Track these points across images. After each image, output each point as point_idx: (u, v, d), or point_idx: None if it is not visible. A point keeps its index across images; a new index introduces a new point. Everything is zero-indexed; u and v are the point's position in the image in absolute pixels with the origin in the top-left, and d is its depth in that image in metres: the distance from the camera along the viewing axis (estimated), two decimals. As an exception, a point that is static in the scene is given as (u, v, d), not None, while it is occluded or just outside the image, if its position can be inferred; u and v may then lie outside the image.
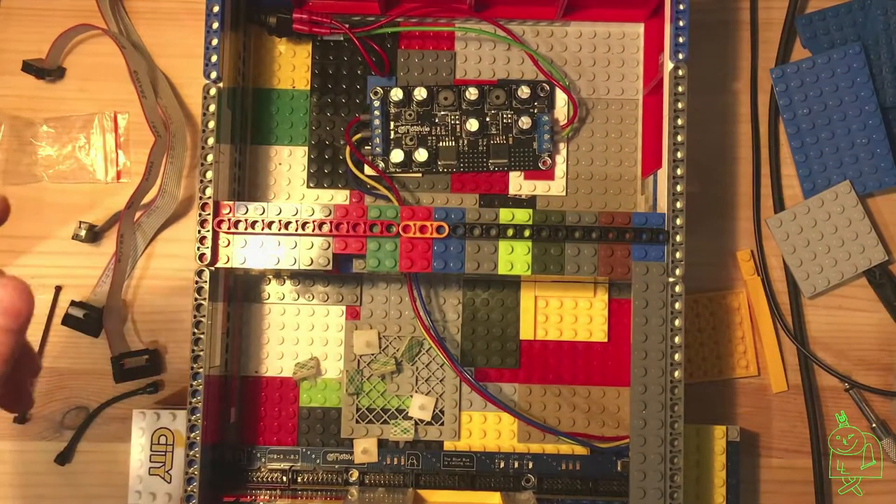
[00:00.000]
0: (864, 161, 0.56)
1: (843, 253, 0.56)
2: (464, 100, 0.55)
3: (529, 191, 0.55)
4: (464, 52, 0.56)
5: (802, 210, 0.56)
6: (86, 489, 0.55)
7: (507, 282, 0.55)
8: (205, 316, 0.47)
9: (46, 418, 0.55)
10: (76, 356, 0.55)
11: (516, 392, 0.54)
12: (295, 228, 0.48)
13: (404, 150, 0.55)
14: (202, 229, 0.48)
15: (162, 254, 0.56)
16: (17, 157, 0.56)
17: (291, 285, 0.55)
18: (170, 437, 0.51)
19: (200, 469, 0.47)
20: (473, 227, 0.48)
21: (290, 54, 0.56)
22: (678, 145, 0.48)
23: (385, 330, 0.54)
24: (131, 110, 0.57)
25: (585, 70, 0.56)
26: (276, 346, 0.54)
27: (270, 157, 0.55)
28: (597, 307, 0.55)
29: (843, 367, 0.56)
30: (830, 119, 0.56)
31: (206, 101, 0.48)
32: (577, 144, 0.56)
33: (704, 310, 0.56)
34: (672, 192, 0.48)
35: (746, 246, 0.57)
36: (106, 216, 0.56)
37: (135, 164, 0.57)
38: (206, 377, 0.47)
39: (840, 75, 0.56)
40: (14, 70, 0.56)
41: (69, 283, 0.56)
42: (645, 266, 0.48)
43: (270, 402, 0.54)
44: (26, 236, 0.56)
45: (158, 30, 0.57)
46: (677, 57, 0.49)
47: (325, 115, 0.56)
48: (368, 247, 0.48)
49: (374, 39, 0.55)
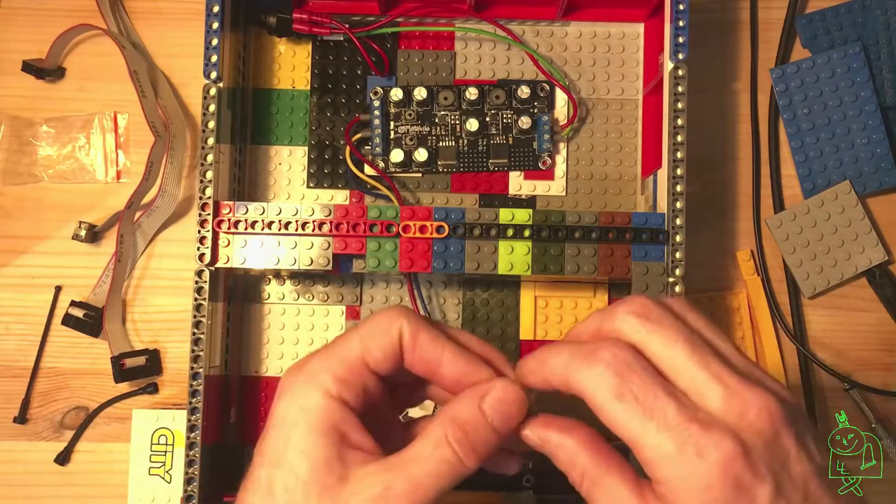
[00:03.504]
0: (864, 161, 0.56)
1: (843, 253, 0.56)
2: (464, 100, 0.55)
3: (529, 191, 0.55)
4: (464, 52, 0.56)
5: (802, 210, 0.56)
6: (86, 489, 0.55)
7: (507, 282, 0.55)
8: (205, 316, 0.47)
9: (46, 418, 0.55)
10: (76, 356, 0.56)
11: (516, 392, 0.54)
12: (295, 228, 0.48)
13: (404, 150, 0.55)
14: (202, 229, 0.48)
15: (162, 254, 0.56)
16: (17, 157, 0.56)
17: (291, 285, 0.55)
18: (170, 437, 0.51)
19: (200, 469, 0.47)
20: (473, 227, 0.48)
21: (290, 54, 0.56)
22: (678, 145, 0.48)
23: (385, 330, 0.54)
24: (131, 110, 0.57)
25: (585, 70, 0.56)
26: (276, 346, 0.54)
27: (270, 157, 0.55)
28: (597, 307, 0.55)
29: (843, 367, 0.56)
30: (830, 119, 0.56)
31: (206, 101, 0.48)
32: (577, 144, 0.56)
33: (704, 310, 0.56)
34: (672, 192, 0.48)
35: (746, 246, 0.57)
36: (106, 216, 0.56)
37: (135, 164, 0.57)
38: (206, 377, 0.47)
39: (840, 75, 0.56)
40: (14, 70, 0.56)
41: (69, 283, 0.56)
42: (645, 266, 0.48)
43: (270, 402, 0.54)
44: (26, 236, 0.56)
45: (158, 30, 0.57)
46: (677, 57, 0.49)
47: (325, 115, 0.56)
48: (368, 247, 0.48)
49: (374, 39, 0.55)
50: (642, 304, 0.31)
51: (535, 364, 0.32)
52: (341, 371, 0.32)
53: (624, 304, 0.31)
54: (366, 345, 0.32)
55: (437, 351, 0.33)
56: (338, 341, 0.33)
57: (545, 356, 0.32)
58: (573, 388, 0.31)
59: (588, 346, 0.30)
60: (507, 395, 0.32)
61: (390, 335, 0.32)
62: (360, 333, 0.33)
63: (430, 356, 0.33)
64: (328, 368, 0.32)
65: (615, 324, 0.31)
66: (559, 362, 0.31)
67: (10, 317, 0.56)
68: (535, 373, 0.33)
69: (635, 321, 0.31)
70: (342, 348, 0.32)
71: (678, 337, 0.30)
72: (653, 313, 0.31)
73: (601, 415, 0.30)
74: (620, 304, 0.32)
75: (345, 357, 0.32)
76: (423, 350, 0.33)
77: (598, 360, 0.30)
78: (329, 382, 0.31)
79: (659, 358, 0.30)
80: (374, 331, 0.33)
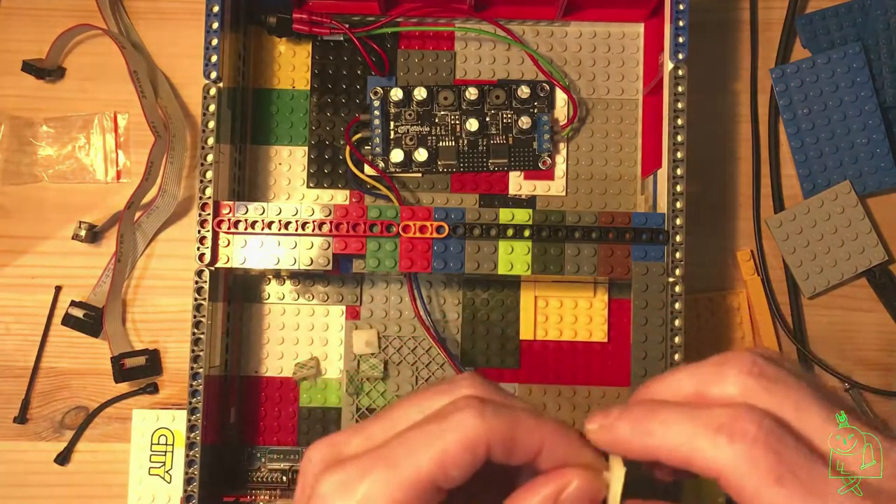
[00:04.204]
0: (864, 161, 0.56)
1: (843, 253, 0.56)
2: (464, 100, 0.55)
3: (529, 191, 0.55)
4: (464, 52, 0.56)
5: (802, 210, 0.56)
6: (86, 489, 0.55)
7: (507, 282, 0.55)
8: (205, 316, 0.47)
9: (46, 418, 0.55)
10: (76, 356, 0.56)
11: (516, 392, 0.54)
12: (295, 228, 0.48)
13: (404, 149, 0.55)
14: (202, 229, 0.48)
15: (162, 254, 0.56)
16: (17, 157, 0.56)
17: (291, 285, 0.55)
18: (170, 437, 0.51)
19: (200, 469, 0.47)
20: (473, 227, 0.48)
21: (290, 54, 0.56)
22: (678, 145, 0.48)
23: (385, 330, 0.54)
24: (131, 110, 0.57)
25: (585, 70, 0.56)
26: (276, 346, 0.54)
27: (270, 157, 0.55)
28: (597, 307, 0.55)
29: (843, 367, 0.56)
30: (830, 119, 0.56)
31: (206, 101, 0.48)
32: (577, 144, 0.56)
33: (704, 310, 0.56)
34: (672, 192, 0.48)
35: (746, 246, 0.57)
36: (106, 216, 0.56)
37: (135, 164, 0.57)
38: (205, 377, 0.47)
39: (840, 75, 0.56)
40: (14, 70, 0.56)
41: (69, 283, 0.56)
42: (645, 266, 0.48)
43: (270, 402, 0.54)
44: (26, 236, 0.56)
45: (158, 30, 0.57)
46: (677, 57, 0.49)
47: (325, 115, 0.56)
48: (368, 247, 0.48)
49: (374, 39, 0.55)
50: (754, 363, 0.25)
51: (636, 432, 0.26)
52: (405, 498, 0.24)
53: (732, 364, 0.26)
54: (442, 465, 0.24)
55: (535, 439, 0.26)
56: (401, 444, 0.25)
57: (650, 424, 0.25)
58: (699, 466, 0.24)
59: (716, 414, 0.24)
60: (589, 488, 0.26)
61: (474, 454, 0.25)
62: (433, 446, 0.24)
63: (529, 448, 0.26)
64: (390, 498, 0.24)
65: (727, 387, 0.25)
66: (678, 434, 0.25)
67: (10, 317, 0.56)
68: (632, 442, 0.26)
69: (754, 382, 0.25)
70: (409, 465, 0.24)
71: (808, 398, 0.25)
72: (769, 371, 0.25)
73: (750, 502, 0.24)
74: (724, 364, 0.26)
75: (413, 479, 0.24)
76: (520, 450, 0.26)
77: (739, 433, 0.24)
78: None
79: (791, 426, 0.24)
80: (452, 446, 0.24)
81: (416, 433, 0.25)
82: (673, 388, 0.27)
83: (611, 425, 0.26)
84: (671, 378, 0.27)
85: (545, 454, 0.26)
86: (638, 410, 0.26)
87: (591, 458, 0.26)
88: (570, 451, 0.26)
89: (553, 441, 0.26)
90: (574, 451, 0.26)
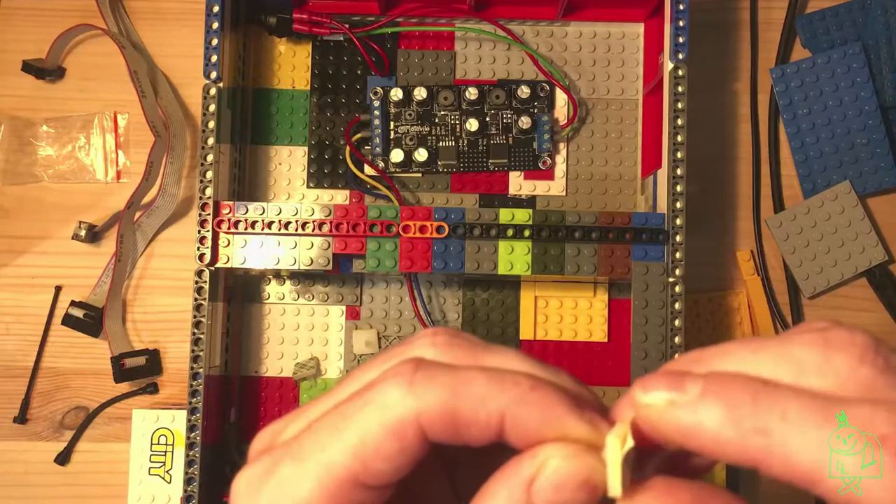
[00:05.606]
0: (864, 161, 0.56)
1: (843, 253, 0.56)
2: (464, 100, 0.55)
3: (529, 191, 0.55)
4: (464, 52, 0.56)
5: (802, 210, 0.56)
6: (86, 489, 0.55)
7: (507, 282, 0.55)
8: (205, 316, 0.47)
9: (46, 418, 0.55)
10: (76, 356, 0.55)
11: (516, 392, 0.54)
12: (295, 228, 0.48)
13: (404, 149, 0.55)
14: (202, 229, 0.48)
15: (162, 254, 0.56)
16: (17, 157, 0.56)
17: (291, 285, 0.55)
18: (170, 437, 0.51)
19: (200, 469, 0.47)
20: (473, 227, 0.48)
21: (290, 54, 0.56)
22: (678, 145, 0.48)
23: (385, 330, 0.54)
24: (131, 110, 0.57)
25: (585, 70, 0.56)
26: (276, 346, 0.54)
27: (270, 157, 0.55)
28: (597, 307, 0.55)
29: (843, 367, 0.56)
30: (830, 119, 0.56)
31: (206, 101, 0.48)
32: (577, 144, 0.56)
33: (704, 310, 0.56)
34: (672, 192, 0.48)
35: (746, 246, 0.57)
36: (106, 216, 0.56)
37: (135, 164, 0.57)
38: (206, 377, 0.47)
39: (840, 75, 0.56)
40: (14, 70, 0.56)
41: (69, 283, 0.56)
42: (645, 266, 0.48)
43: (270, 402, 0.54)
44: (26, 236, 0.56)
45: (158, 30, 0.57)
46: (677, 57, 0.49)
47: (325, 115, 0.56)
48: (368, 247, 0.48)
49: (374, 39, 0.55)
50: (877, 351, 0.18)
51: (740, 427, 0.17)
52: (313, 499, 0.19)
53: (842, 348, 0.18)
54: (360, 457, 0.19)
55: (489, 410, 0.19)
56: (312, 432, 0.19)
57: (764, 417, 0.17)
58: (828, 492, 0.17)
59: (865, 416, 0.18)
60: (576, 472, 0.18)
61: (402, 441, 0.19)
62: (345, 433, 0.19)
63: (484, 424, 0.19)
64: (296, 500, 0.19)
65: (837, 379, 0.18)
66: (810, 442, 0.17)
67: (10, 317, 0.56)
68: (726, 439, 0.17)
69: (881, 380, 0.18)
70: (318, 459, 0.19)
71: None
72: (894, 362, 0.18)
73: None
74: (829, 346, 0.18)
75: (322, 477, 0.19)
76: (472, 428, 0.19)
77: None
78: None
79: None
80: (370, 432, 0.19)
81: (331, 417, 0.19)
82: (746, 368, 0.18)
83: (692, 404, 0.18)
84: (742, 349, 0.19)
85: (509, 428, 0.19)
86: (736, 388, 0.17)
87: (583, 430, 0.19)
88: (547, 420, 0.19)
89: (519, 410, 0.18)
90: (554, 421, 0.19)
